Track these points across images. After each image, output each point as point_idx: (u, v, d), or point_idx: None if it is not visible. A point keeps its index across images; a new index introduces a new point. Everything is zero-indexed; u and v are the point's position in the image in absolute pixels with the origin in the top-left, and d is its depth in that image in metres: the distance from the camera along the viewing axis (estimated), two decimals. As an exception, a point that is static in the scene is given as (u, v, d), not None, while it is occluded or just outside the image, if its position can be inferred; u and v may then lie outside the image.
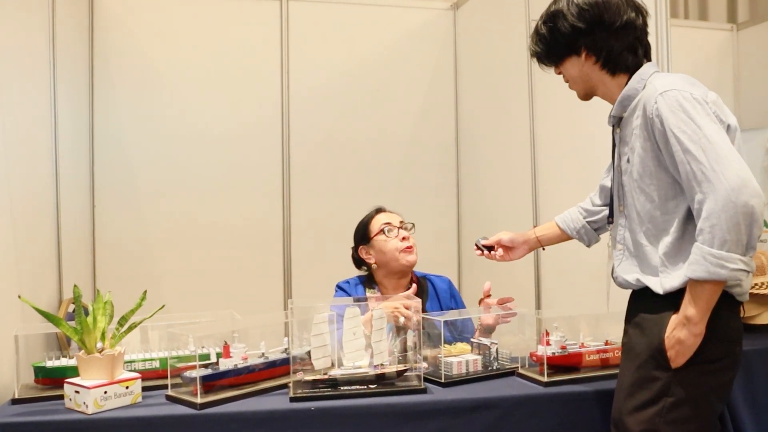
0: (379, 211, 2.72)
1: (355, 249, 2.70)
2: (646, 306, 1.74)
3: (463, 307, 2.74)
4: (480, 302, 2.42)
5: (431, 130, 3.99)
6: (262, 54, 3.72)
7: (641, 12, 1.81)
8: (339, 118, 3.84)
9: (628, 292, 1.85)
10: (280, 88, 3.72)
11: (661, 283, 1.69)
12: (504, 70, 3.48)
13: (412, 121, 3.97)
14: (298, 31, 3.75)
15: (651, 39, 2.36)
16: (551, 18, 1.83)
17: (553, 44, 1.85)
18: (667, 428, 1.66)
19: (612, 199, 1.91)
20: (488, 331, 2.39)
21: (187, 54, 3.62)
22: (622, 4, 1.78)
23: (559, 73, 1.91)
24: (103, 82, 3.50)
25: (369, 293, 2.63)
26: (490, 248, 2.26)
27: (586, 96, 1.90)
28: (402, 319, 2.15)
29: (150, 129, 3.58)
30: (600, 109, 1.93)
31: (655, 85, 1.70)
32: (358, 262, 2.72)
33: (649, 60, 1.84)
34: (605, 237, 2.14)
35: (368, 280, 2.69)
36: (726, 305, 1.65)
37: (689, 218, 1.65)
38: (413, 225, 2.68)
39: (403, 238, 2.61)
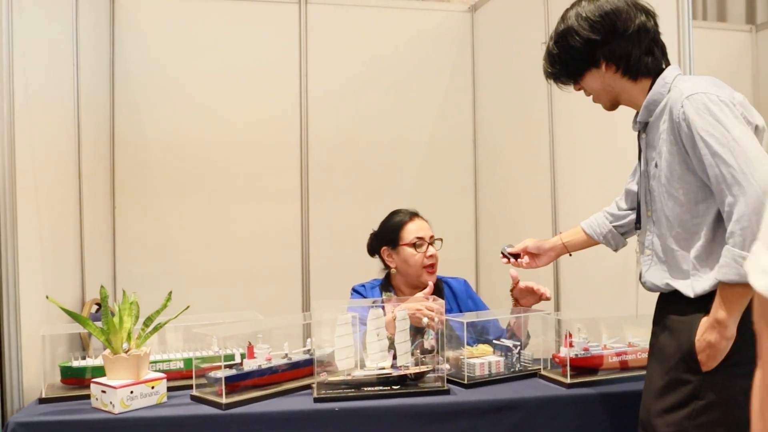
0: (413, 217, 2.66)
1: (377, 245, 2.69)
2: (676, 308, 1.73)
3: (483, 307, 2.72)
4: (512, 291, 2.40)
5: (449, 132, 3.99)
6: (281, 57, 3.74)
7: (650, 14, 1.81)
8: (357, 120, 3.84)
9: (654, 294, 1.84)
10: (298, 90, 3.74)
11: (692, 287, 1.69)
12: (522, 73, 3.48)
13: (430, 124, 3.97)
14: (317, 34, 3.76)
15: (673, 41, 2.36)
16: (562, 37, 1.83)
17: (569, 62, 1.84)
18: (697, 431, 1.66)
19: (639, 205, 1.90)
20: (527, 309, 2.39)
21: (207, 57, 3.64)
22: (630, 9, 1.78)
23: (579, 89, 1.91)
24: (123, 85, 3.53)
25: (385, 296, 2.63)
26: (516, 256, 2.25)
27: (612, 106, 1.89)
28: (425, 320, 2.15)
29: (169, 131, 3.60)
30: (620, 111, 1.93)
31: (680, 88, 1.69)
32: (373, 252, 2.71)
33: (667, 60, 1.84)
34: (631, 240, 2.13)
35: (385, 284, 2.69)
36: None
37: (719, 221, 1.64)
38: (441, 241, 2.65)
39: (430, 256, 2.59)
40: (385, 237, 2.67)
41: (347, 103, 3.82)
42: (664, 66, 1.81)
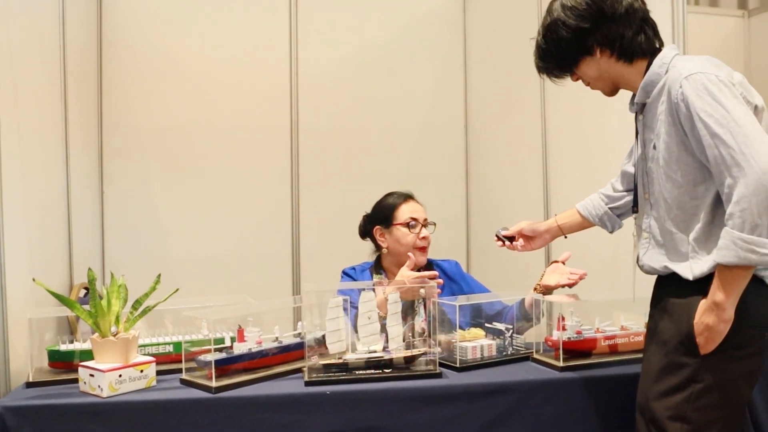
0: (407, 198, 2.65)
1: (370, 225, 2.67)
2: (675, 291, 1.72)
3: (477, 286, 2.69)
4: (551, 263, 2.42)
5: (440, 117, 3.97)
6: (272, 41, 3.70)
7: None
8: (348, 105, 3.82)
9: (650, 277, 1.83)
10: (289, 75, 3.70)
11: (690, 269, 1.67)
12: (514, 57, 3.45)
13: (421, 108, 3.95)
14: (308, 18, 3.72)
15: (667, 25, 2.35)
16: (550, 30, 1.80)
17: (562, 54, 1.81)
18: (696, 415, 1.65)
19: (636, 187, 1.87)
20: (548, 291, 2.38)
21: (197, 41, 3.59)
22: None
23: (577, 80, 1.88)
24: (112, 69, 3.47)
25: (376, 278, 2.61)
26: (511, 239, 2.23)
27: (612, 92, 1.86)
28: (423, 290, 2.13)
29: (158, 114, 3.55)
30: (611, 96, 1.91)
31: (679, 68, 1.66)
32: (365, 234, 2.70)
33: (660, 38, 1.81)
34: (626, 222, 2.11)
35: (375, 266, 2.67)
36: (754, 290, 1.62)
37: (718, 203, 1.62)
38: (435, 225, 2.64)
39: (423, 237, 2.58)
40: (379, 216, 2.65)
41: (338, 88, 3.79)
42: (657, 45, 1.79)
